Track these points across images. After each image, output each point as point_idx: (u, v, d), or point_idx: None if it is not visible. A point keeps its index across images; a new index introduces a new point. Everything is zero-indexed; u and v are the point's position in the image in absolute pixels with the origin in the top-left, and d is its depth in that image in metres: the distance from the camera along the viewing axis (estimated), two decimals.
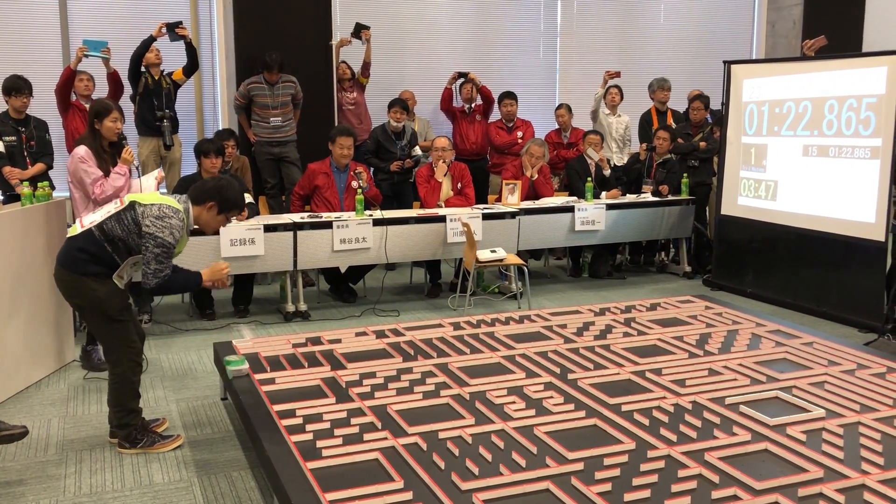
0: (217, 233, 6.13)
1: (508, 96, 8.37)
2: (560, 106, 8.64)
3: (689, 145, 8.05)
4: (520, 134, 8.35)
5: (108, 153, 4.92)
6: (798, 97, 6.66)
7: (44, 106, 7.04)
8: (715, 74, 8.50)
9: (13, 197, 6.00)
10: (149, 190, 4.85)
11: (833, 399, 3.87)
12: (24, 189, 5.17)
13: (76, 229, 3.85)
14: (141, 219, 3.72)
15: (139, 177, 5.03)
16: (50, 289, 5.10)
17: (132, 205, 3.76)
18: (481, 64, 9.12)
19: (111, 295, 3.81)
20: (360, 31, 7.97)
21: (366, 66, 8.17)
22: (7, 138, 6.46)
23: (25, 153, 6.55)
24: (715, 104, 8.37)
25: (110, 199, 4.63)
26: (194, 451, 4.02)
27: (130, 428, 4.01)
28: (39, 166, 6.57)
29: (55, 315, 5.19)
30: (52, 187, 6.15)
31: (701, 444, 3.35)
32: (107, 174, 4.90)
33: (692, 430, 3.49)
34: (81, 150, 4.85)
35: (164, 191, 7.54)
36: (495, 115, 8.58)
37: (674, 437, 3.41)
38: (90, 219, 3.84)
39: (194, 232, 5.92)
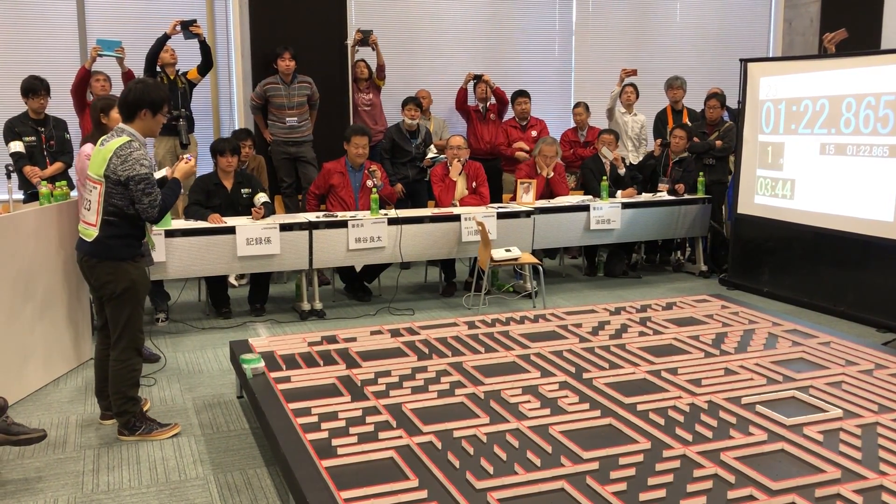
0: (235, 213, 6.31)
1: (522, 94, 8.35)
2: (578, 104, 8.62)
3: (705, 144, 8.01)
4: (534, 133, 8.34)
5: None
6: (815, 95, 6.61)
7: (63, 106, 7.09)
8: (731, 72, 8.47)
9: (34, 196, 6.06)
10: None
11: (850, 399, 3.84)
12: (43, 188, 5.21)
13: (91, 231, 4.01)
14: (116, 176, 3.92)
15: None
16: (66, 288, 5.15)
17: (105, 178, 3.95)
18: (496, 63, 9.12)
19: (142, 276, 4.13)
20: (366, 37, 7.96)
21: (380, 68, 8.18)
22: (27, 138, 6.53)
23: (45, 153, 6.61)
24: (731, 102, 8.33)
25: None
26: (210, 449, 4.05)
27: (129, 416, 4.18)
28: (58, 165, 6.64)
29: (72, 313, 5.23)
30: (71, 186, 6.20)
31: (717, 443, 3.34)
32: None
33: (708, 429, 3.47)
34: (88, 147, 4.81)
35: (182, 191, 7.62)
36: (510, 115, 8.57)
37: (689, 437, 3.40)
38: (91, 216, 4.02)
39: (203, 231, 5.99)
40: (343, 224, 6.44)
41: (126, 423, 4.18)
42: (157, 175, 4.99)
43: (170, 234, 5.89)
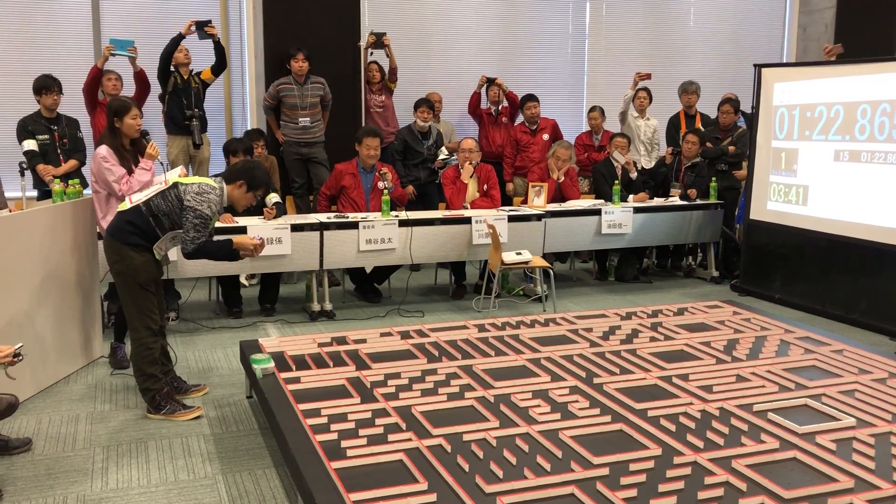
0: (247, 212, 6.24)
1: (531, 99, 8.29)
2: (593, 108, 8.58)
3: (717, 149, 7.98)
4: (545, 136, 8.31)
5: (129, 151, 4.91)
6: (830, 101, 6.57)
7: (75, 105, 7.12)
8: (745, 78, 8.43)
9: (48, 194, 6.08)
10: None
11: (863, 408, 3.81)
12: (56, 186, 5.23)
13: (126, 205, 4.33)
14: (183, 195, 4.27)
15: (164, 172, 5.03)
16: (78, 286, 5.16)
17: (175, 185, 4.32)
18: (508, 66, 9.09)
19: (146, 265, 4.33)
20: (379, 39, 7.95)
21: (392, 71, 8.18)
22: (40, 137, 6.56)
23: (58, 151, 6.64)
24: (745, 107, 8.29)
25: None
26: (219, 449, 4.05)
27: (152, 392, 4.42)
28: (72, 163, 6.67)
29: (83, 311, 5.24)
30: (85, 185, 6.23)
31: (728, 451, 3.32)
32: (130, 172, 4.87)
33: (719, 436, 3.45)
34: (103, 149, 4.81)
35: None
36: (521, 119, 8.53)
37: (700, 444, 3.38)
38: (138, 197, 4.37)
39: (214, 231, 6.01)
40: (354, 225, 6.44)
41: (152, 402, 4.43)
42: (170, 175, 5.02)
43: None
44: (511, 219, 6.90)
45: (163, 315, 4.56)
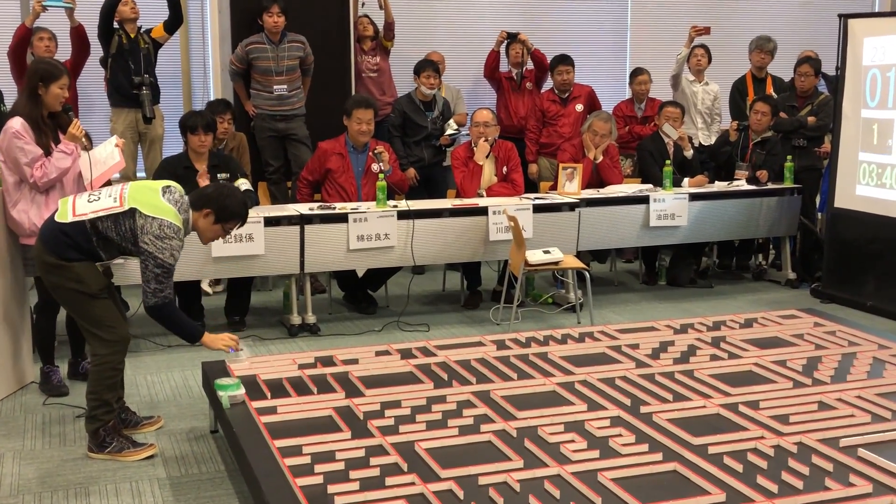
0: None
1: (563, 62, 8.27)
2: (641, 71, 8.53)
3: (794, 121, 7.96)
4: (579, 107, 8.29)
5: (49, 125, 4.93)
6: None
7: (0, 71, 7.15)
8: (828, 31, 8.39)
9: None
10: (106, 163, 4.95)
11: None
12: None
13: (66, 214, 4.23)
14: (140, 233, 4.18)
15: (87, 152, 5.02)
16: (1, 296, 5.16)
17: (132, 212, 4.19)
18: (532, 20, 9.08)
19: (90, 270, 4.29)
20: None
21: (388, 27, 8.19)
22: None
23: None
24: (828, 69, 8.26)
25: (53, 184, 4.92)
26: (177, 496, 4.06)
27: (99, 424, 4.36)
28: None
29: (9, 328, 5.25)
30: None
31: (809, 496, 3.31)
32: (47, 150, 4.88)
33: (797, 478, 3.44)
34: (17, 122, 4.84)
35: (143, 175, 7.65)
36: (549, 85, 8.52)
37: (774, 488, 3.37)
38: (84, 208, 4.23)
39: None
40: (343, 218, 6.44)
41: (95, 436, 4.38)
42: (99, 150, 5.03)
43: None
44: (537, 209, 6.90)
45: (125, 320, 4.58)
